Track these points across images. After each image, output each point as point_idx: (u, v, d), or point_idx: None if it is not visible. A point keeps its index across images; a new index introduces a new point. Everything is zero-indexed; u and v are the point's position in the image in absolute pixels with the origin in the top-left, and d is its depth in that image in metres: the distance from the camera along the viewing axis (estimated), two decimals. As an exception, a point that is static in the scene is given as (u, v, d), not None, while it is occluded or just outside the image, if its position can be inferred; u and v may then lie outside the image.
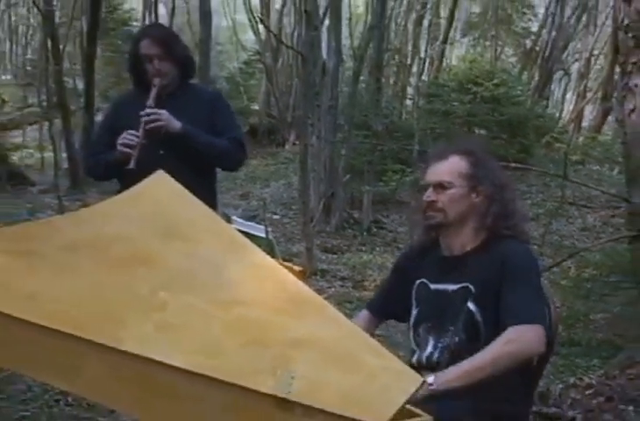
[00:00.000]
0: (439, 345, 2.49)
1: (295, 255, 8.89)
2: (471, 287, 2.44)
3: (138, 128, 3.36)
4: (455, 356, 2.37)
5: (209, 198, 3.28)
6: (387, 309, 2.76)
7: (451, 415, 2.05)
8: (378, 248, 10.78)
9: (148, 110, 3.36)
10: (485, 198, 2.51)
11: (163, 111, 3.38)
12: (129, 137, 3.35)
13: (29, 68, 25.36)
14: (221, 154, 3.51)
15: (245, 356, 1.82)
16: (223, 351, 1.86)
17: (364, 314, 2.80)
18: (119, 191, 3.33)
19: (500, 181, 2.55)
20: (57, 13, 18.71)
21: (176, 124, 3.39)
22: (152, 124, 3.34)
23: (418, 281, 2.61)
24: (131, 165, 3.28)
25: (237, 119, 3.82)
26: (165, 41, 3.50)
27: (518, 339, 2.26)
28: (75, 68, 21.38)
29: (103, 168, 3.59)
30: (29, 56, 26.76)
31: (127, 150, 3.33)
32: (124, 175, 3.38)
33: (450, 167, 2.54)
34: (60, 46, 16.67)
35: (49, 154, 17.00)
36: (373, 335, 2.38)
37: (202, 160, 3.45)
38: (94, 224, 2.39)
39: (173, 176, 2.31)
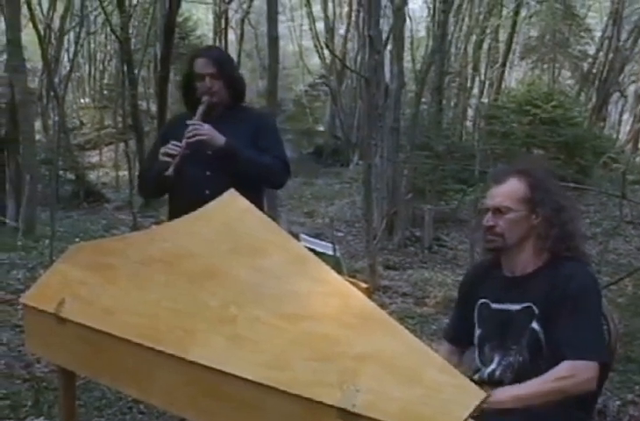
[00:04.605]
0: (503, 362, 2.49)
1: (358, 271, 8.61)
2: (534, 308, 2.42)
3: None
4: (518, 374, 2.39)
5: None
6: (461, 335, 2.72)
7: None
8: (439, 265, 10.55)
9: (193, 122, 3.36)
10: (544, 221, 2.48)
11: (207, 125, 3.36)
12: (171, 146, 3.33)
13: (106, 92, 25.83)
14: (265, 171, 3.45)
15: (313, 369, 1.85)
16: (290, 364, 1.90)
17: (444, 345, 2.79)
18: (169, 210, 3.57)
19: (559, 203, 2.51)
20: (133, 40, 19.07)
21: (220, 139, 3.35)
22: (195, 138, 3.32)
23: (480, 302, 2.61)
24: (170, 171, 3.27)
25: (282, 142, 3.70)
26: (219, 61, 3.50)
27: (572, 377, 2.26)
28: (149, 92, 21.88)
29: (149, 181, 3.59)
30: (106, 81, 27.20)
31: (167, 158, 3.31)
32: (170, 195, 3.55)
33: (508, 191, 2.51)
34: (135, 71, 17.02)
35: (124, 173, 17.30)
36: (457, 365, 2.34)
37: (249, 181, 3.28)
38: (167, 241, 2.48)
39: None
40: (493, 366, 2.52)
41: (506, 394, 2.22)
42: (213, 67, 3.47)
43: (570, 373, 2.27)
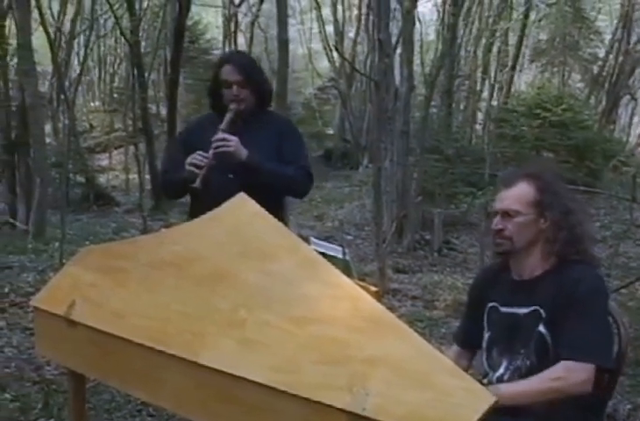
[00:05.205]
0: (511, 367, 2.48)
1: (367, 275, 8.53)
2: (541, 311, 2.42)
3: (209, 150, 3.33)
4: (525, 378, 2.36)
5: None
6: (471, 338, 2.72)
7: None
8: (448, 269, 10.47)
9: (220, 135, 3.34)
10: (552, 224, 2.48)
11: (234, 138, 3.34)
12: (198, 157, 3.33)
13: (116, 95, 25.81)
14: (286, 183, 3.47)
15: (322, 373, 1.86)
16: (300, 367, 1.90)
17: (453, 348, 2.79)
18: (190, 212, 3.58)
19: (567, 206, 2.51)
20: (142, 43, 19.08)
21: (243, 153, 3.35)
22: (221, 149, 3.32)
23: (489, 305, 2.61)
24: (197, 184, 3.28)
25: (305, 148, 3.74)
26: (246, 69, 3.49)
27: (567, 378, 2.25)
28: (159, 95, 21.90)
29: (174, 186, 3.60)
30: (116, 84, 27.19)
31: (194, 169, 3.31)
32: (192, 196, 3.54)
33: (517, 195, 2.51)
34: (145, 75, 17.05)
35: (134, 176, 17.40)
36: (466, 369, 2.41)
37: (271, 186, 3.34)
38: (177, 244, 2.47)
39: None
40: (501, 370, 2.50)
41: (500, 391, 2.16)
42: (239, 74, 3.46)
43: (564, 374, 2.27)
